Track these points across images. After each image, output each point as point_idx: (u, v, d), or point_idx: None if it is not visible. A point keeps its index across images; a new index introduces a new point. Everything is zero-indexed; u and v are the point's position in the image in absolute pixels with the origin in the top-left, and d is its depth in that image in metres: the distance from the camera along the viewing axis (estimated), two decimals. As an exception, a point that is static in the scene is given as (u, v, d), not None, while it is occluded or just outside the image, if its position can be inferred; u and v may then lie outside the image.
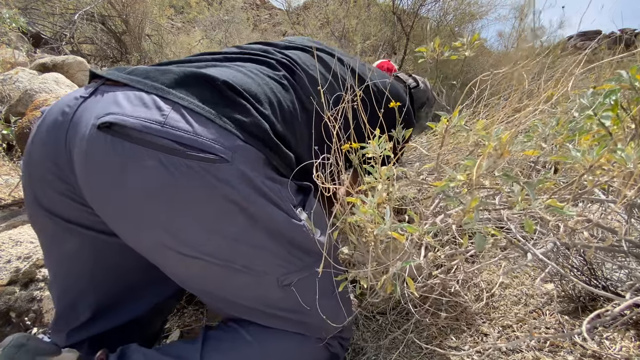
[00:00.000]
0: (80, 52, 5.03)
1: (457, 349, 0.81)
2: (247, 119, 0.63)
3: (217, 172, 0.58)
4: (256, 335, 0.70)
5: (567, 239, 0.64)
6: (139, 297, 0.77)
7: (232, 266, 0.63)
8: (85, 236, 0.68)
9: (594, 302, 0.88)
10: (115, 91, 0.61)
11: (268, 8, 12.11)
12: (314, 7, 6.87)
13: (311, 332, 0.73)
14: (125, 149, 0.55)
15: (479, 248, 0.56)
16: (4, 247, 1.07)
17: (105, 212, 0.62)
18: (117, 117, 0.56)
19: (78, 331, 0.72)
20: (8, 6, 4.21)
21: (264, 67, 0.77)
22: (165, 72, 0.65)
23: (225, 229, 0.61)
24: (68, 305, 0.73)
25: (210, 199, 0.59)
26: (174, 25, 8.28)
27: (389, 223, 0.59)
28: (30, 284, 1.00)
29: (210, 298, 0.72)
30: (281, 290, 0.67)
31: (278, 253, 0.67)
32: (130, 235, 0.63)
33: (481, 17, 5.23)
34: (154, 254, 0.65)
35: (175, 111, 0.58)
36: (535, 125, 0.66)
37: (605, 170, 0.55)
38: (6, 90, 2.51)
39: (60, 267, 0.73)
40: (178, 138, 0.56)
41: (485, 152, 0.56)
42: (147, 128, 0.55)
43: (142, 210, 0.58)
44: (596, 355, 0.72)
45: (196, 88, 0.63)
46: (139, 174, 0.56)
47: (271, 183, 0.65)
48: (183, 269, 0.65)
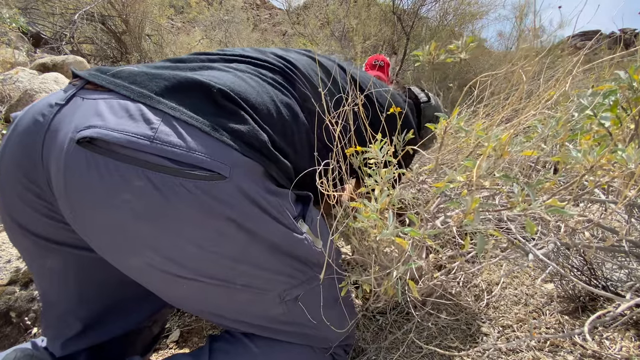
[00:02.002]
0: (80, 52, 5.03)
1: (457, 349, 0.81)
2: (245, 129, 0.57)
3: (215, 191, 0.53)
4: (263, 347, 0.68)
5: (567, 239, 0.64)
6: (131, 308, 0.73)
7: (232, 286, 0.60)
8: (68, 254, 0.62)
9: (594, 302, 0.88)
10: (97, 98, 0.54)
11: (268, 8, 12.11)
12: (314, 7, 6.87)
13: (316, 343, 0.72)
14: (109, 167, 0.49)
15: (480, 250, 0.55)
16: (4, 247, 1.07)
17: (88, 235, 0.56)
18: (99, 131, 0.49)
19: (71, 342, 0.68)
20: (8, 6, 4.20)
21: (262, 70, 0.72)
22: (154, 77, 0.58)
23: (224, 249, 0.57)
24: (57, 317, 0.69)
25: (207, 220, 0.54)
26: (174, 25, 8.27)
27: (392, 228, 0.59)
28: (30, 284, 1.00)
29: (211, 317, 0.69)
30: (284, 305, 0.65)
31: (279, 269, 0.64)
32: (118, 260, 0.58)
33: (481, 17, 5.23)
34: (146, 278, 0.60)
35: (166, 124, 0.52)
36: (535, 126, 0.66)
37: (606, 170, 0.55)
38: (6, 90, 2.51)
39: (44, 281, 0.68)
40: (169, 154, 0.50)
41: (485, 152, 0.56)
42: (133, 144, 0.49)
43: (130, 233, 0.53)
44: (596, 355, 0.72)
45: (189, 96, 0.57)
46: (125, 196, 0.50)
47: (271, 197, 0.61)
48: (180, 291, 0.60)
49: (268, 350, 0.68)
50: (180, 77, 0.58)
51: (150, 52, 5.46)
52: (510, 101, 0.80)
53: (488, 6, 5.18)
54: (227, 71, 0.66)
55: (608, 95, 0.56)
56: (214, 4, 8.57)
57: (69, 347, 0.68)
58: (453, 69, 4.27)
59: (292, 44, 8.13)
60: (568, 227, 0.63)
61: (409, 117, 0.97)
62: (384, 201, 0.62)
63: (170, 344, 1.02)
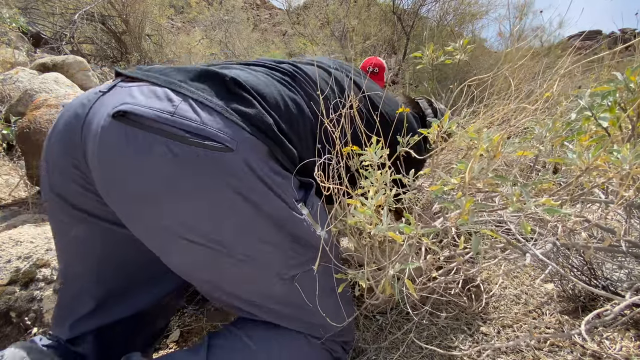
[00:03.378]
0: (80, 52, 5.03)
1: (457, 349, 0.82)
2: (252, 112, 0.65)
3: (224, 162, 0.60)
4: (260, 343, 0.70)
5: (565, 239, 0.65)
6: (142, 291, 0.78)
7: (234, 255, 0.64)
8: (94, 225, 0.70)
9: (594, 302, 0.88)
10: (132, 86, 0.65)
11: (268, 8, 12.12)
12: (314, 7, 6.87)
13: (310, 331, 0.73)
14: (136, 135, 0.58)
15: (475, 249, 0.56)
16: (4, 247, 1.07)
17: (111, 197, 0.63)
18: (130, 106, 0.59)
19: (80, 323, 0.73)
20: (8, 6, 4.21)
21: (273, 71, 0.80)
22: (180, 70, 0.69)
23: (229, 216, 0.63)
24: (72, 295, 0.74)
25: (215, 186, 0.61)
26: (174, 25, 8.28)
27: (386, 223, 0.60)
28: (30, 284, 1.00)
29: (211, 289, 0.72)
30: (281, 284, 0.68)
31: (280, 245, 0.67)
32: (135, 222, 0.64)
33: (481, 17, 5.23)
34: (158, 241, 0.65)
35: (185, 103, 0.62)
36: (532, 127, 0.66)
37: (602, 171, 0.55)
38: (6, 90, 2.51)
39: (68, 254, 0.75)
40: (186, 127, 0.59)
41: (476, 154, 0.56)
42: (157, 117, 0.59)
43: (148, 194, 0.60)
44: (596, 355, 0.72)
45: (207, 83, 0.67)
46: (147, 160, 0.58)
47: (274, 175, 0.66)
48: (188, 257, 0.65)
49: (265, 346, 0.70)
50: (200, 69, 0.69)
51: (150, 52, 5.46)
52: (509, 102, 0.80)
53: (488, 6, 5.19)
54: (242, 70, 0.76)
55: (607, 96, 0.56)
56: (214, 4, 8.58)
57: (78, 328, 0.73)
58: (453, 69, 4.27)
59: (292, 44, 8.14)
60: (566, 228, 0.63)
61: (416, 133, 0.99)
62: (379, 199, 0.62)
63: (170, 343, 1.02)
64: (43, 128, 1.64)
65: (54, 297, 0.98)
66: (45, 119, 1.67)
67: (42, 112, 1.70)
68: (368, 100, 0.91)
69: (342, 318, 0.73)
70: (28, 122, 1.67)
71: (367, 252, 0.70)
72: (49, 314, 0.97)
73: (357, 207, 0.64)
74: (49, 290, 0.99)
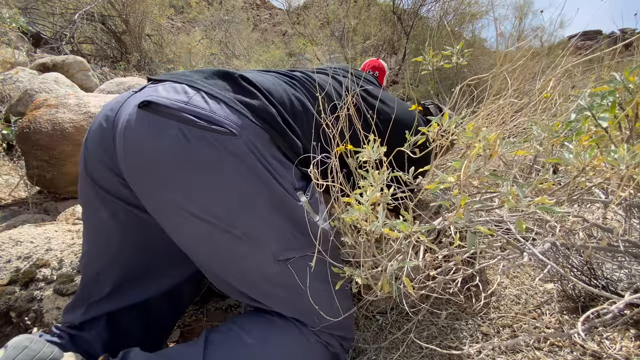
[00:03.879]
0: (80, 52, 5.03)
1: (457, 349, 0.82)
2: (257, 104, 0.73)
3: (226, 143, 0.67)
4: (257, 337, 0.71)
5: (564, 239, 0.65)
6: (156, 277, 0.83)
7: (233, 232, 0.69)
8: (118, 207, 0.77)
9: (594, 301, 0.88)
10: (157, 85, 0.76)
11: (268, 8, 12.13)
12: (314, 7, 6.87)
13: (305, 319, 0.74)
14: (156, 121, 0.68)
15: (471, 245, 0.57)
16: (4, 247, 1.07)
17: (132, 176, 0.71)
18: (152, 97, 0.69)
19: (96, 305, 0.79)
20: (8, 6, 4.21)
21: (284, 76, 0.90)
22: (197, 71, 0.80)
23: (229, 193, 0.69)
24: (92, 276, 0.80)
25: (218, 164, 0.67)
26: (174, 25, 8.28)
27: (382, 220, 0.61)
28: (30, 284, 1.00)
29: (210, 266, 0.76)
30: (277, 265, 0.71)
31: (277, 226, 0.72)
32: (151, 197, 0.71)
33: (481, 17, 5.23)
34: (168, 215, 0.71)
35: (198, 94, 0.71)
36: (530, 127, 0.66)
37: (599, 171, 0.55)
38: (6, 90, 2.51)
39: (92, 236, 0.81)
40: (197, 114, 0.68)
41: (473, 153, 0.57)
42: (174, 104, 0.68)
43: (161, 169, 0.68)
44: (596, 355, 0.72)
45: (219, 80, 0.78)
46: (162, 140, 0.66)
47: (275, 162, 0.72)
48: (190, 231, 0.71)
49: (262, 340, 0.71)
50: (214, 69, 0.81)
51: (150, 52, 5.47)
52: (509, 101, 0.80)
53: (488, 6, 5.18)
54: (253, 72, 0.85)
55: (606, 96, 0.56)
56: (214, 4, 8.58)
57: (94, 310, 0.78)
58: (453, 69, 4.26)
59: (292, 44, 8.13)
60: (565, 227, 0.64)
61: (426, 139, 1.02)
62: (374, 196, 0.63)
63: (170, 344, 1.02)
64: (43, 128, 1.64)
65: (54, 297, 0.98)
66: (45, 119, 1.67)
67: (42, 112, 1.70)
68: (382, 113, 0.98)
69: (336, 309, 0.74)
70: (28, 122, 1.67)
71: (364, 250, 0.70)
72: (49, 313, 0.97)
73: (353, 204, 0.64)
74: (49, 290, 0.99)
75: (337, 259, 0.79)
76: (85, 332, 0.77)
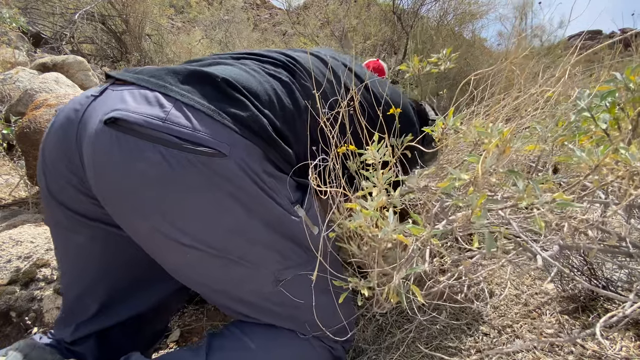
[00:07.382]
0: (80, 51, 5.02)
1: (457, 349, 0.82)
2: (245, 114, 0.64)
3: (215, 166, 0.60)
4: (260, 343, 0.69)
5: (570, 239, 0.63)
6: (144, 293, 0.78)
7: (228, 257, 0.64)
8: (95, 229, 0.70)
9: (594, 302, 0.88)
10: (122, 90, 0.64)
11: (268, 8, 12.12)
12: (314, 7, 6.86)
13: (305, 331, 0.72)
14: (129, 142, 0.58)
15: (489, 249, 0.53)
16: (4, 247, 1.07)
17: (108, 202, 0.64)
18: (121, 112, 0.58)
19: (84, 325, 0.74)
20: (8, 6, 4.20)
21: (265, 64, 0.78)
22: (170, 72, 0.68)
23: (221, 219, 0.63)
24: (76, 298, 0.74)
25: (207, 189, 0.61)
26: (174, 25, 8.27)
27: (393, 225, 0.56)
28: (30, 284, 1.00)
29: (206, 290, 0.72)
30: (276, 284, 0.68)
31: (274, 246, 0.67)
32: (131, 225, 0.64)
33: (481, 16, 5.23)
34: (153, 244, 0.65)
35: (176, 108, 0.61)
36: (534, 127, 0.66)
37: (610, 169, 0.54)
38: (6, 90, 2.51)
39: (70, 259, 0.75)
40: (178, 133, 0.58)
41: (489, 147, 0.54)
42: (149, 123, 0.58)
43: (141, 197, 0.60)
44: (596, 355, 0.72)
45: (198, 85, 0.66)
46: (140, 165, 0.58)
47: (268, 177, 0.66)
48: (181, 259, 0.65)
49: (265, 345, 0.69)
50: (191, 70, 0.68)
51: (151, 52, 5.46)
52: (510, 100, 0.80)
53: (488, 6, 5.18)
54: (233, 65, 0.74)
55: (606, 97, 0.55)
56: (214, 4, 8.58)
57: (82, 330, 0.74)
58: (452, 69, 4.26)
59: (292, 44, 8.13)
60: (571, 227, 0.62)
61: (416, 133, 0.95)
62: (381, 200, 0.60)
63: (171, 343, 1.02)
64: (43, 128, 1.64)
65: (54, 297, 0.98)
66: (45, 119, 1.67)
67: (42, 112, 1.70)
68: (370, 92, 0.87)
69: (339, 318, 0.73)
70: (28, 122, 1.67)
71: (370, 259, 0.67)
72: (49, 313, 0.97)
73: (358, 209, 0.61)
74: (49, 290, 0.99)
75: (339, 270, 0.76)
76: (77, 346, 0.74)
